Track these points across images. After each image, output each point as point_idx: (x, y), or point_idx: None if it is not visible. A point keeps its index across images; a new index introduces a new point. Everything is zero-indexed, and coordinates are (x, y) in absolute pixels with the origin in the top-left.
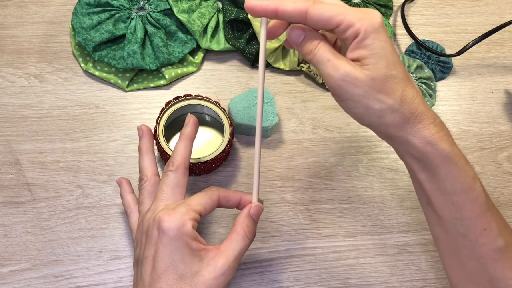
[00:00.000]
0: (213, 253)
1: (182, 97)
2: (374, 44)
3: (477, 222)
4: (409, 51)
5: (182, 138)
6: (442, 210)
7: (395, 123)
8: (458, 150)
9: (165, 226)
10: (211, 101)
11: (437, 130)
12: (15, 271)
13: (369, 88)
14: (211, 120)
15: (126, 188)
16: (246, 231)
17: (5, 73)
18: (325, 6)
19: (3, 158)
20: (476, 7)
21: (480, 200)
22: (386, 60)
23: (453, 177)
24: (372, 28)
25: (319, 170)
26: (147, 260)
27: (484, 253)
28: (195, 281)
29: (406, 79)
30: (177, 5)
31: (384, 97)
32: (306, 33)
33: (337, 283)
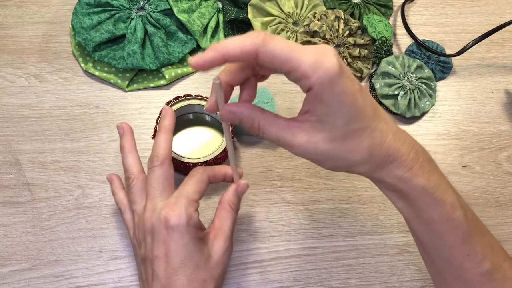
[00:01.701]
0: (212, 234)
1: (182, 97)
2: (330, 100)
3: (460, 249)
4: (409, 51)
5: (162, 131)
6: (423, 236)
7: (365, 171)
8: (437, 179)
9: (174, 223)
10: None
11: (410, 166)
12: (15, 271)
13: (331, 151)
14: (211, 120)
15: (117, 184)
16: (233, 207)
17: (5, 73)
18: (277, 46)
19: (3, 158)
20: (476, 7)
21: (461, 228)
22: (346, 115)
23: (430, 208)
24: (327, 79)
25: (319, 170)
26: (158, 259)
27: (470, 277)
28: (209, 265)
29: (374, 123)
30: (177, 5)
31: (349, 155)
32: (239, 116)
33: (337, 283)
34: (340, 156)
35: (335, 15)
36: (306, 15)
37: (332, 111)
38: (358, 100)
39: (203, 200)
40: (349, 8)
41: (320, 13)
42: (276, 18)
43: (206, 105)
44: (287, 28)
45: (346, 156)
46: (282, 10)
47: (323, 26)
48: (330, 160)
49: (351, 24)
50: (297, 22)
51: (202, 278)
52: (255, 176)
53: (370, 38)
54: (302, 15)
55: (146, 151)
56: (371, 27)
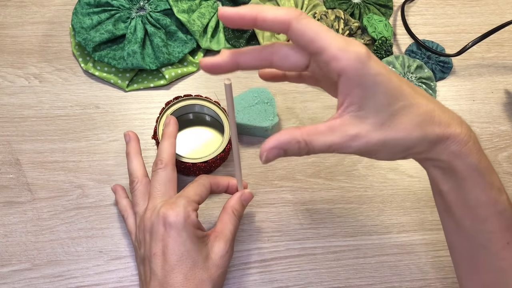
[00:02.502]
0: (213, 236)
1: (182, 97)
2: (366, 82)
3: (501, 236)
4: (409, 51)
5: (166, 136)
6: (463, 220)
7: (424, 149)
8: (486, 160)
9: (172, 220)
10: (211, 101)
11: (465, 141)
12: (15, 271)
13: (385, 138)
14: (211, 120)
15: (120, 193)
16: (236, 214)
17: (5, 73)
18: (310, 24)
19: (3, 158)
20: (476, 7)
21: (506, 214)
22: (386, 95)
23: (479, 190)
24: (358, 61)
25: (319, 170)
26: (156, 256)
27: (506, 267)
28: (207, 265)
29: (415, 102)
30: (177, 5)
31: (404, 137)
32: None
33: (337, 283)
34: (396, 141)
35: (335, 15)
36: None
37: (370, 93)
38: (394, 79)
39: None
40: (349, 8)
41: (320, 13)
42: None
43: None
44: None
45: (402, 139)
46: None
47: None
48: (386, 147)
49: (351, 24)
50: None
51: (199, 277)
52: (255, 176)
53: (370, 38)
54: None
55: (146, 151)
56: (371, 27)
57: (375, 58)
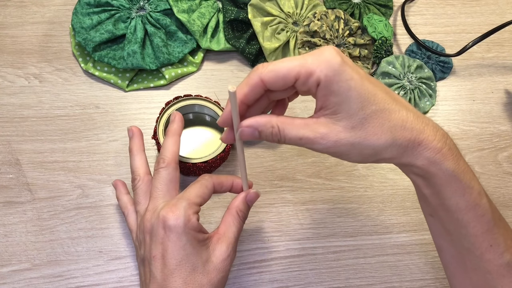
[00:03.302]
0: (215, 238)
1: (182, 97)
2: (339, 89)
3: (483, 239)
4: (409, 51)
5: (170, 134)
6: (447, 224)
7: (394, 155)
8: (464, 164)
9: (172, 224)
10: (211, 101)
11: (439, 147)
12: (15, 271)
13: (354, 139)
14: (211, 120)
15: (121, 189)
16: (240, 215)
17: (5, 73)
18: (277, 64)
19: (3, 158)
20: (476, 7)
21: (487, 217)
22: (359, 100)
23: (457, 195)
24: (331, 70)
25: (319, 170)
26: (156, 259)
27: (491, 268)
28: (207, 269)
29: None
30: (177, 5)
31: (372, 141)
32: (257, 127)
33: (337, 283)
34: (365, 143)
35: (335, 15)
36: (306, 15)
37: (343, 99)
38: (367, 85)
39: None
40: (349, 8)
41: (320, 13)
42: (276, 18)
43: (220, 119)
44: (287, 28)
45: (370, 142)
46: (282, 10)
47: (323, 26)
48: (355, 149)
49: (351, 24)
50: (297, 22)
51: (198, 282)
52: (255, 176)
53: (370, 38)
54: (302, 15)
55: (146, 151)
56: (371, 27)
57: (348, 63)
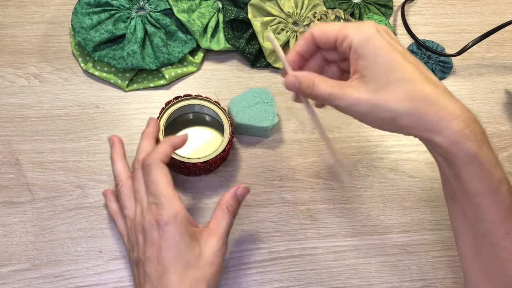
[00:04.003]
0: (206, 233)
1: (182, 97)
2: (367, 53)
3: (500, 225)
4: (409, 51)
5: (144, 136)
6: (465, 208)
7: (412, 124)
8: (487, 149)
9: (163, 223)
10: (211, 101)
11: (461, 127)
12: (15, 271)
13: (373, 101)
14: (211, 120)
15: (110, 197)
16: (230, 210)
17: (5, 73)
18: (325, 25)
19: (3, 158)
20: (476, 7)
21: (505, 203)
22: (385, 66)
23: (477, 178)
24: (363, 37)
25: (319, 170)
26: (150, 259)
27: (506, 256)
28: (200, 263)
29: (414, 78)
30: (177, 5)
31: (392, 104)
32: (299, 78)
33: (337, 283)
34: (385, 106)
35: (335, 15)
36: (306, 15)
37: (370, 63)
38: (396, 55)
39: (203, 200)
40: (349, 8)
41: (320, 13)
42: (276, 18)
43: (288, 58)
44: (287, 28)
45: (391, 106)
46: (282, 10)
47: None
48: (376, 111)
49: None
50: (297, 22)
51: (193, 277)
52: (255, 176)
53: None
54: (302, 15)
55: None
56: None
57: (384, 35)
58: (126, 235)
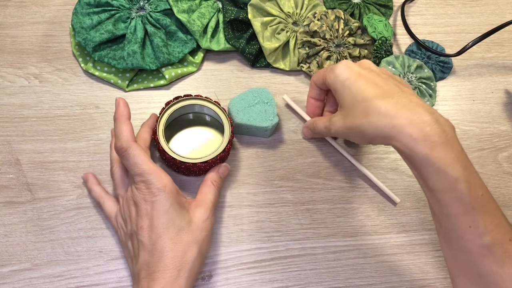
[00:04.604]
0: (194, 204)
1: (182, 97)
2: (338, 88)
3: (462, 219)
4: (409, 51)
5: (115, 121)
6: (432, 205)
7: (375, 136)
8: (440, 150)
9: (153, 195)
10: (211, 101)
11: (410, 132)
12: (15, 271)
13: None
14: (211, 120)
15: (93, 180)
16: (215, 185)
17: (5, 73)
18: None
19: (3, 158)
20: (476, 7)
21: (464, 199)
22: (350, 95)
23: (433, 177)
24: (334, 76)
25: (319, 170)
26: (143, 229)
27: (471, 248)
28: (191, 228)
29: (370, 97)
30: (177, 5)
31: (357, 125)
32: (308, 125)
33: (337, 283)
34: (354, 128)
35: (335, 15)
36: (306, 15)
37: (341, 96)
38: (359, 83)
39: None
40: (349, 8)
41: (320, 13)
42: (276, 18)
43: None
44: (287, 28)
45: (355, 125)
46: (282, 10)
47: (323, 26)
48: (351, 132)
49: (351, 24)
50: (297, 22)
51: (185, 240)
52: (255, 176)
53: (370, 38)
54: (302, 15)
55: None
56: (371, 27)
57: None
58: (114, 216)
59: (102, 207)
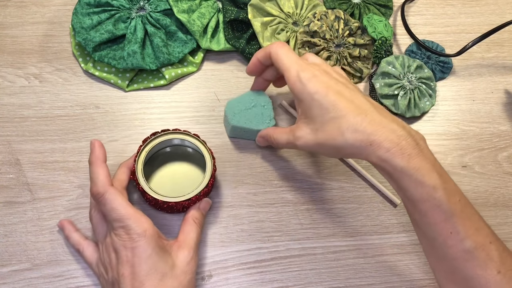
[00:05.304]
0: (176, 246)
1: (160, 132)
2: (305, 99)
3: (442, 227)
4: (409, 51)
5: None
6: (414, 215)
7: (353, 152)
8: (418, 161)
9: (133, 241)
10: (190, 134)
11: (388, 147)
12: (15, 271)
13: (317, 140)
14: (192, 152)
15: (70, 228)
16: (196, 222)
17: (5, 73)
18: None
19: (3, 158)
20: (476, 7)
21: (443, 207)
22: (319, 108)
23: (412, 188)
24: (300, 84)
25: (319, 170)
26: (124, 277)
27: (455, 254)
28: (174, 273)
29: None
30: (177, 5)
31: (330, 141)
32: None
33: (337, 283)
34: (327, 144)
35: (335, 15)
36: (306, 15)
37: (308, 107)
38: (330, 97)
39: None
40: (349, 8)
41: (320, 13)
42: (276, 18)
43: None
44: (287, 28)
45: (330, 142)
46: (282, 10)
47: (323, 26)
48: (323, 148)
49: (351, 24)
50: (297, 22)
51: (170, 286)
52: (255, 176)
53: (370, 38)
54: (302, 15)
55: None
56: (371, 27)
57: (321, 76)
58: (95, 262)
59: (82, 255)
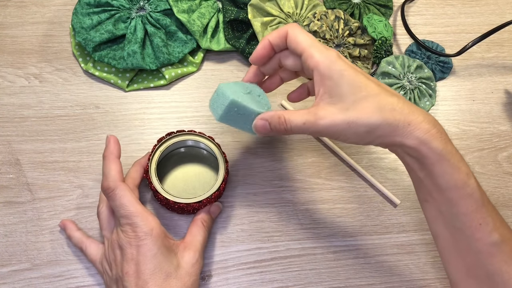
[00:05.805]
0: (182, 246)
1: (175, 133)
2: (333, 75)
3: (473, 217)
4: (409, 51)
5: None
6: (440, 205)
7: (386, 133)
8: (452, 147)
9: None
10: (205, 136)
11: (428, 128)
12: (15, 271)
13: (348, 119)
14: (206, 154)
15: (71, 227)
16: (205, 225)
17: (5, 73)
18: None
19: (3, 158)
20: (476, 7)
21: (475, 196)
22: (350, 87)
23: (447, 174)
24: (328, 61)
25: (319, 170)
26: (128, 275)
27: (481, 247)
28: (179, 274)
29: (378, 93)
30: (177, 5)
31: (364, 119)
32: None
33: (337, 283)
34: (359, 122)
35: (335, 15)
36: (306, 15)
37: (336, 83)
38: (360, 77)
39: None
40: (349, 8)
41: (320, 13)
42: (276, 18)
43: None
44: None
45: (363, 121)
46: (282, 10)
47: (323, 26)
48: (351, 128)
49: (351, 24)
50: (297, 22)
51: (173, 286)
52: (255, 176)
53: (370, 38)
54: (302, 15)
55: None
56: (371, 27)
57: (344, 59)
58: (98, 260)
59: (85, 253)
